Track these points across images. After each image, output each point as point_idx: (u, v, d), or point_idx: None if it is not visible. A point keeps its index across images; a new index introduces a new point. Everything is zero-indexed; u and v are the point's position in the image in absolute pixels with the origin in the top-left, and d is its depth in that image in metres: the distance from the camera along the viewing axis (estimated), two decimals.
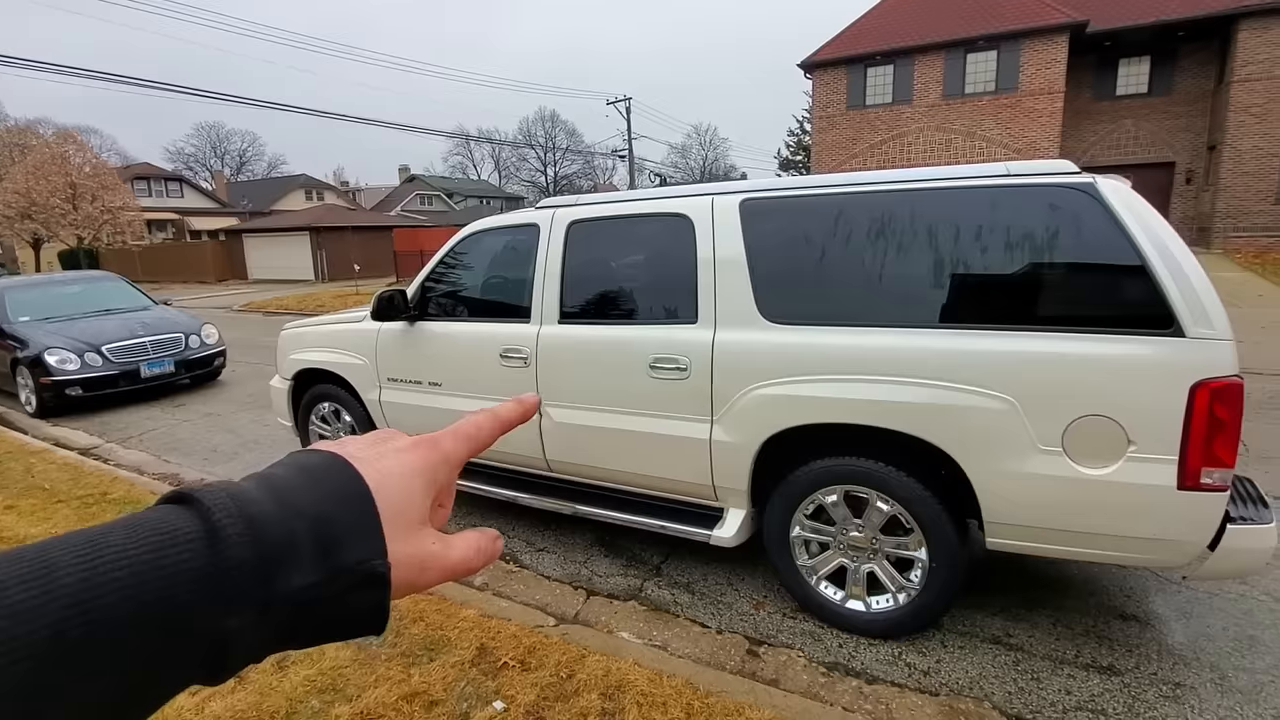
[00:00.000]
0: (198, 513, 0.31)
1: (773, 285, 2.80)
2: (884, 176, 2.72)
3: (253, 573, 0.31)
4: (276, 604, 0.31)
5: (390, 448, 0.39)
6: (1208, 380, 2.11)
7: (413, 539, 0.37)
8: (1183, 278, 2.16)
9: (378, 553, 0.34)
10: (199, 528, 0.30)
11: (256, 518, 0.32)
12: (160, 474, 5.23)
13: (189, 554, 0.29)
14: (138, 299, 8.67)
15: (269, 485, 0.34)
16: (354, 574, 0.33)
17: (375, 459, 0.38)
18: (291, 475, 0.35)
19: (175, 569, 0.29)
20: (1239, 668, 2.53)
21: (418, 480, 0.38)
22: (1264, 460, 4.54)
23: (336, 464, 0.36)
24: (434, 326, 3.77)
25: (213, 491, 0.32)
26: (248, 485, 0.34)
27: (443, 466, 0.41)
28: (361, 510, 0.35)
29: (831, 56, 20.27)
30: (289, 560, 0.32)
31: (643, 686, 2.37)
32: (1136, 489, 2.20)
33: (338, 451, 0.38)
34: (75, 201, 26.00)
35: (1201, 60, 18.46)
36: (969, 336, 2.41)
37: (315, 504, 0.34)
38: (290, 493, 0.34)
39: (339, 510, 0.34)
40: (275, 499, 0.33)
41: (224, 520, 0.31)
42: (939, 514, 2.53)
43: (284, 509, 0.33)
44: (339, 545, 0.33)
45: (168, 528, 0.30)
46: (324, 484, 0.35)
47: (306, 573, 0.32)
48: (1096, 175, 2.39)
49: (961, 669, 2.58)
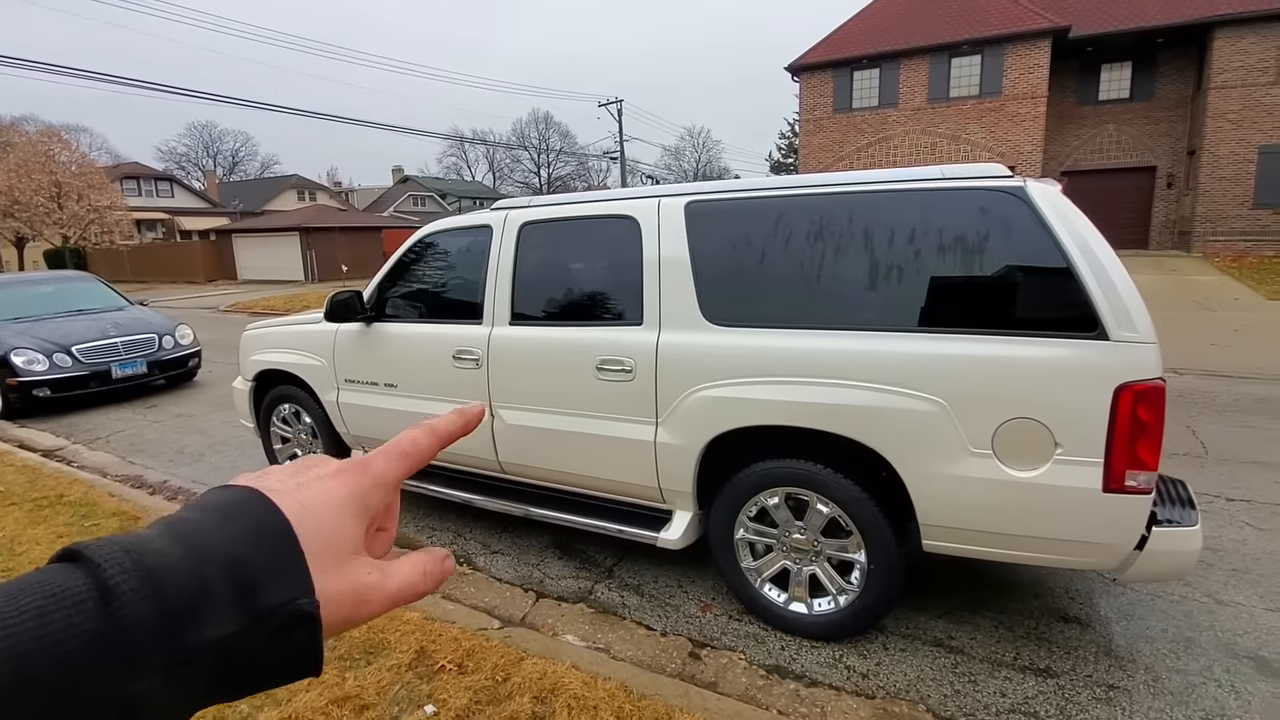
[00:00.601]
0: (88, 570, 0.28)
1: (715, 287, 2.80)
2: (823, 179, 2.73)
3: (156, 629, 0.28)
4: (193, 657, 0.29)
5: (313, 475, 0.37)
6: (1131, 383, 2.13)
7: (345, 572, 0.35)
8: (1107, 281, 2.17)
9: (303, 591, 0.32)
10: (89, 587, 0.28)
11: (155, 570, 0.29)
12: (124, 476, 5.18)
13: (80, 616, 0.27)
14: (112, 299, 8.59)
15: (175, 531, 0.32)
16: (278, 616, 0.31)
17: (295, 490, 0.35)
18: (202, 517, 0.33)
19: (63, 634, 0.26)
20: (1173, 669, 2.55)
21: (346, 509, 0.36)
22: (1221, 462, 4.58)
23: (252, 499, 0.34)
24: (390, 328, 3.76)
25: (105, 545, 0.29)
26: (151, 533, 0.32)
27: (375, 490, 0.38)
28: (281, 547, 0.33)
29: (818, 60, 20.35)
30: (201, 610, 0.30)
31: (576, 690, 2.36)
32: (1063, 491, 2.22)
33: (255, 485, 0.35)
34: (60, 200, 25.80)
35: (1180, 66, 18.65)
36: (901, 339, 2.42)
37: (228, 546, 0.32)
38: (199, 536, 0.32)
39: (255, 550, 0.32)
40: (181, 545, 0.31)
41: (117, 577, 0.28)
42: (876, 516, 2.53)
43: (192, 555, 0.30)
44: (258, 588, 0.31)
45: (54, 590, 0.28)
46: (238, 523, 0.33)
47: (224, 622, 0.30)
48: (1028, 179, 2.41)
49: (900, 671, 2.59)
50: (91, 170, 27.36)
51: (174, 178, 43.75)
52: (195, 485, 4.88)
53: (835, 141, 20.64)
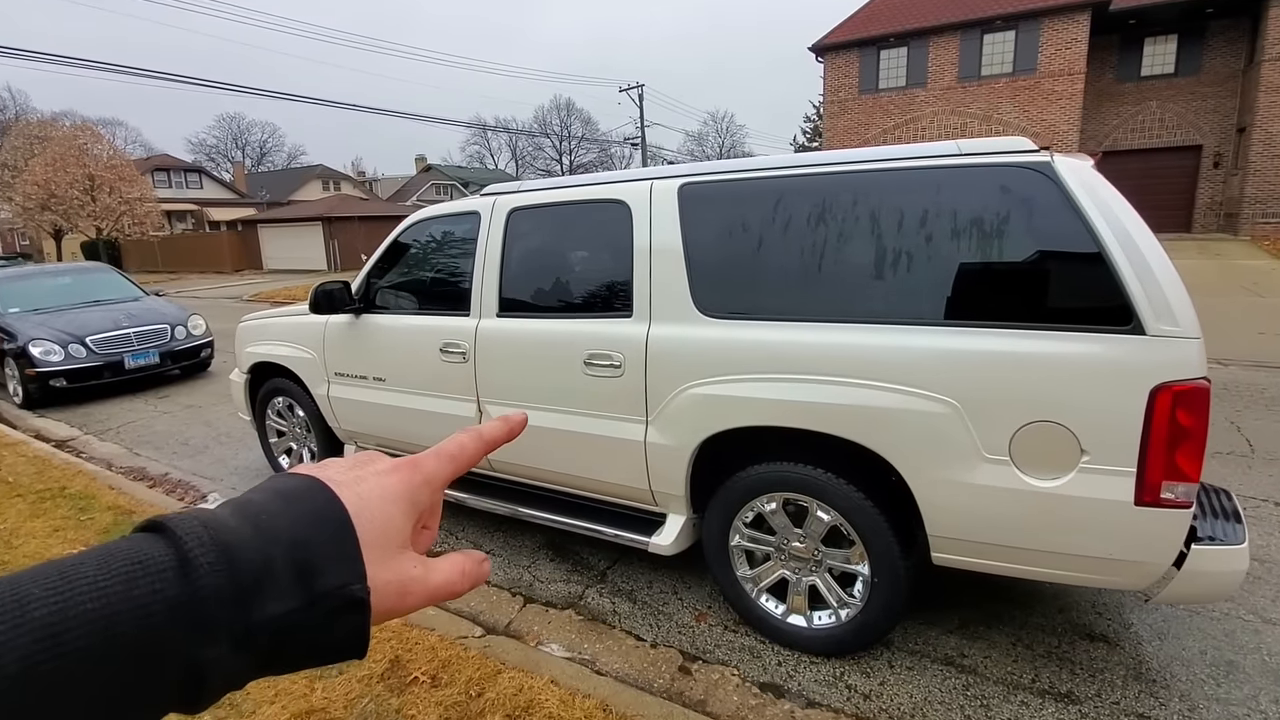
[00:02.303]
0: (170, 541, 0.30)
1: (709, 276, 2.59)
2: (827, 158, 2.49)
3: (229, 600, 0.30)
4: (255, 631, 0.31)
5: (370, 471, 0.39)
6: (1170, 383, 1.88)
7: (393, 564, 0.36)
8: (1144, 268, 1.92)
9: (357, 577, 0.34)
10: (172, 557, 0.30)
11: (231, 545, 0.31)
12: (128, 468, 5.18)
13: (162, 583, 0.29)
14: (128, 289, 8.66)
15: (244, 512, 0.34)
16: (333, 599, 0.33)
17: (354, 483, 0.37)
18: (268, 500, 0.35)
19: (148, 599, 0.28)
20: (1212, 698, 2.30)
21: (398, 505, 0.38)
22: (1270, 462, 4.25)
23: (314, 488, 0.36)
24: (378, 319, 3.62)
25: (186, 519, 0.32)
26: (223, 512, 0.34)
27: (424, 489, 0.40)
28: (340, 535, 0.34)
29: (843, 39, 19.70)
30: (266, 587, 0.31)
31: (552, 708, 2.21)
32: (1090, 504, 1.98)
33: (317, 475, 0.37)
34: (94, 193, 26.39)
35: (1231, 39, 17.63)
36: (909, 333, 2.19)
37: (292, 529, 0.33)
38: (267, 518, 0.33)
39: (317, 535, 0.34)
40: (251, 525, 0.33)
41: (196, 549, 0.30)
42: (880, 526, 2.32)
43: (260, 535, 0.32)
44: (317, 570, 0.33)
45: (140, 557, 0.29)
46: (301, 508, 0.34)
47: (285, 599, 0.32)
48: (1055, 154, 2.15)
49: (906, 693, 2.38)
50: (123, 163, 27.90)
51: (203, 169, 44.50)
52: (196, 478, 4.85)
53: (860, 124, 20.03)
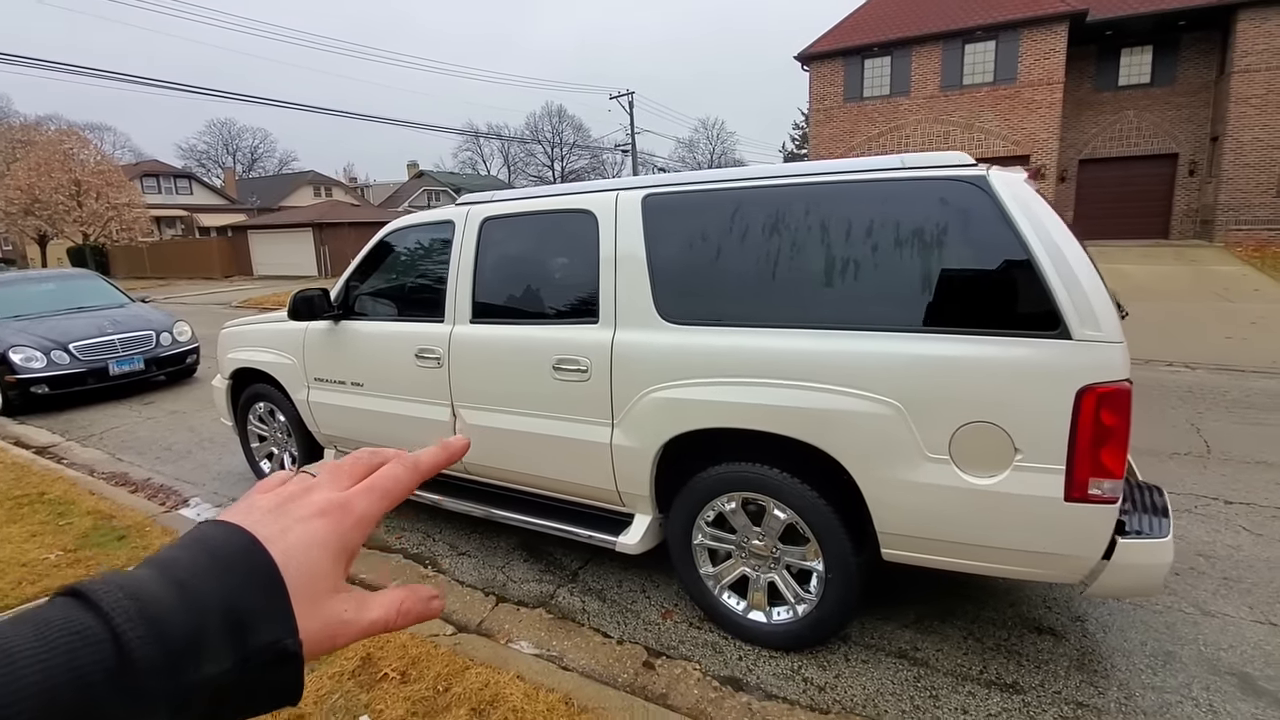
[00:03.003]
0: (96, 614, 0.31)
1: (670, 284, 2.70)
2: (782, 170, 2.61)
3: (162, 670, 0.30)
4: (191, 694, 0.31)
5: (296, 517, 0.39)
6: (1094, 385, 1.99)
7: (322, 609, 0.37)
8: (1071, 277, 2.04)
9: (288, 632, 0.35)
10: (104, 628, 0.30)
11: (158, 618, 0.31)
12: (110, 473, 5.21)
13: (100, 654, 0.29)
14: (113, 296, 8.67)
15: (170, 574, 0.34)
16: (265, 654, 0.34)
17: (281, 535, 0.37)
18: (195, 558, 0.35)
19: (88, 669, 0.29)
20: (1149, 686, 2.42)
21: (326, 551, 0.38)
22: (1224, 462, 4.39)
23: (242, 543, 0.36)
24: (356, 326, 3.70)
25: (109, 589, 0.32)
26: (147, 576, 0.33)
27: (355, 531, 0.40)
28: (269, 590, 0.35)
29: (828, 48, 19.97)
30: (199, 651, 0.32)
31: (516, 702, 2.29)
32: (1023, 500, 2.09)
33: (242, 524, 0.37)
34: (80, 198, 26.23)
35: (1203, 50, 18.01)
36: (855, 338, 2.30)
37: (221, 590, 0.34)
38: (194, 581, 0.34)
39: (246, 594, 0.34)
40: (177, 590, 0.33)
41: (124, 624, 0.30)
42: (833, 523, 2.43)
43: (187, 602, 0.33)
44: (248, 628, 0.34)
45: (76, 628, 0.30)
46: (232, 567, 0.35)
47: (219, 660, 0.32)
48: (992, 166, 2.28)
49: (859, 685, 2.48)
50: (110, 168, 27.75)
51: (193, 175, 44.30)
52: (178, 483, 4.89)
53: (846, 131, 20.28)
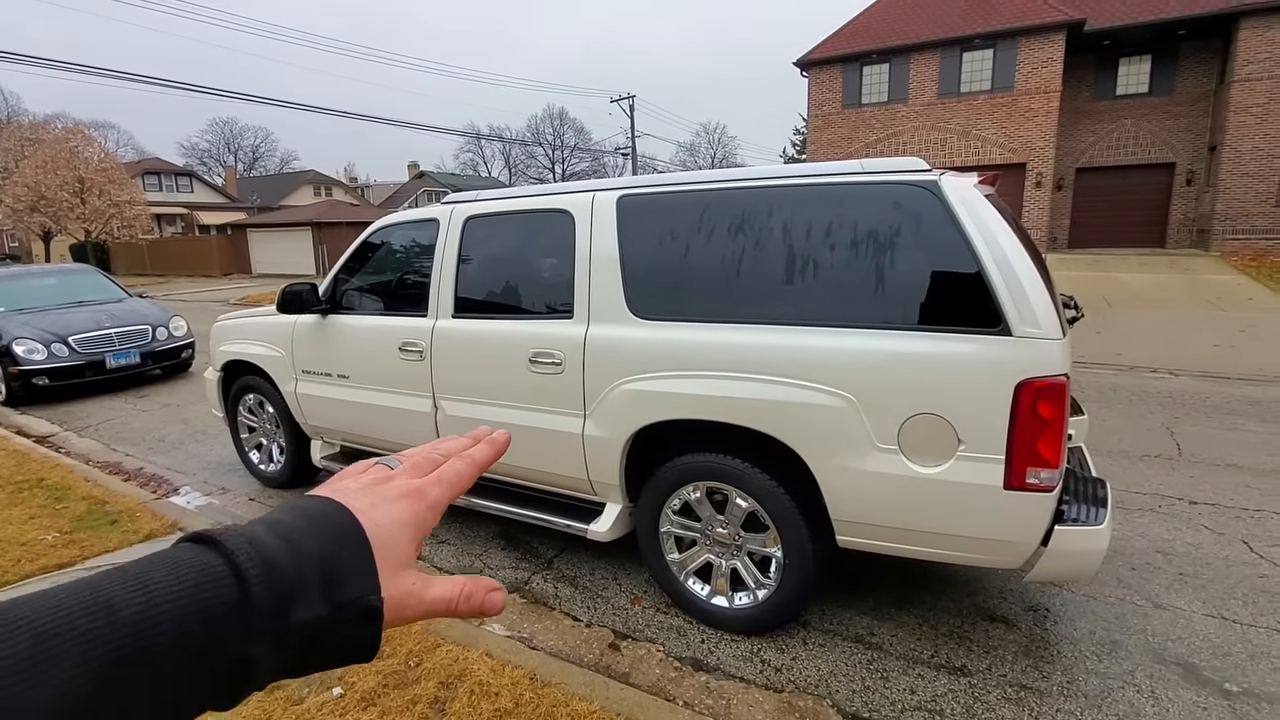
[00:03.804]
0: (222, 554, 0.35)
1: (640, 281, 2.80)
2: (749, 173, 2.72)
3: (269, 609, 0.35)
4: (291, 635, 0.36)
5: (381, 497, 0.44)
6: (1032, 379, 2.09)
7: (398, 580, 0.42)
8: (1012, 277, 2.14)
9: (373, 589, 0.39)
10: (226, 567, 0.35)
11: (271, 560, 0.36)
12: (105, 463, 5.32)
13: (223, 589, 0.34)
14: (112, 291, 8.80)
15: (277, 530, 0.39)
16: (353, 608, 0.38)
17: (370, 508, 0.43)
18: (296, 520, 0.40)
19: (212, 602, 0.33)
20: (1092, 672, 2.51)
21: (405, 530, 0.43)
22: (1193, 465, 4.49)
23: (336, 510, 0.42)
24: (343, 319, 3.81)
25: (233, 536, 0.37)
26: (258, 530, 0.38)
27: (428, 514, 0.45)
28: (359, 552, 0.40)
29: (827, 55, 20.10)
30: (299, 597, 0.36)
31: (482, 676, 2.39)
32: (966, 488, 2.19)
33: (336, 498, 0.43)
34: (83, 195, 26.46)
35: (1203, 59, 18.11)
36: (812, 334, 2.41)
37: (322, 548, 0.39)
38: (297, 535, 0.39)
39: (339, 551, 0.39)
40: (284, 542, 0.38)
41: (246, 562, 0.35)
42: (791, 510, 2.53)
43: (291, 551, 0.37)
44: (340, 582, 0.38)
45: (202, 565, 0.35)
46: (328, 531, 0.40)
47: (314, 607, 0.37)
48: (945, 172, 2.38)
49: (814, 666, 2.58)
50: (113, 166, 27.98)
51: (194, 173, 44.55)
52: (170, 472, 5.00)
53: (844, 138, 20.40)
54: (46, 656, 0.28)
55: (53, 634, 0.29)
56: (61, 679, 0.28)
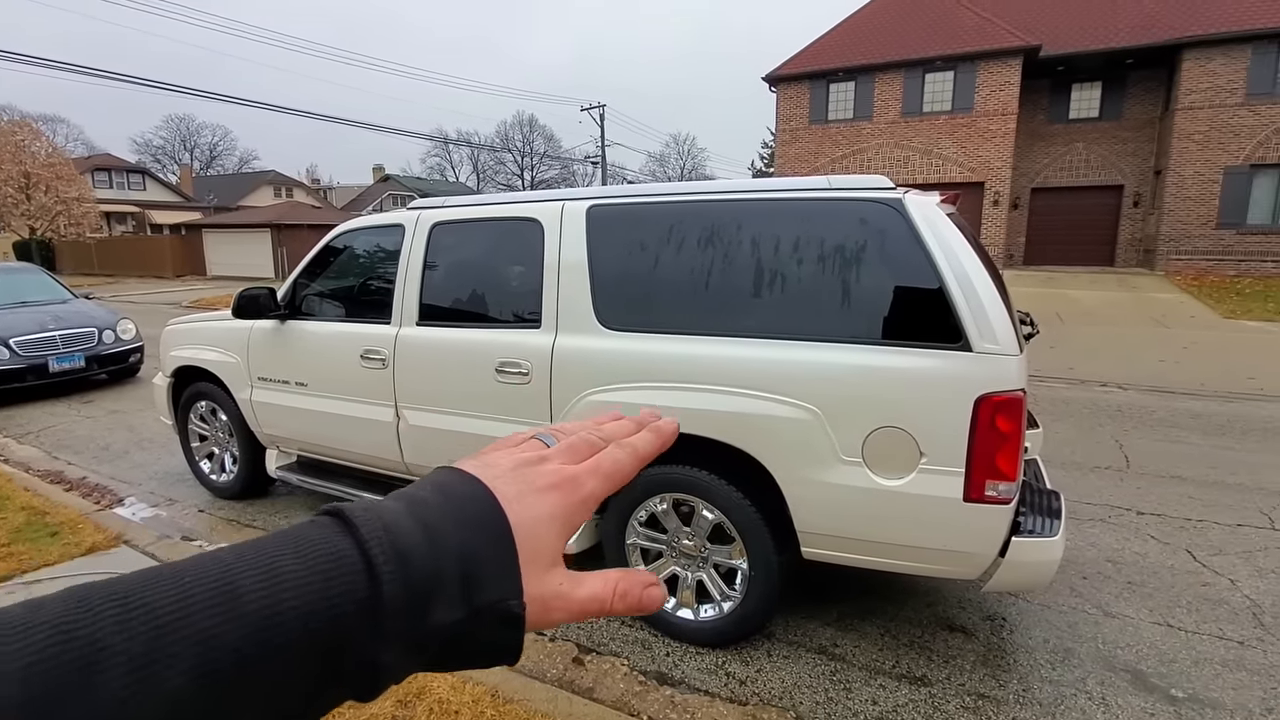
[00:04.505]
0: (356, 541, 0.32)
1: (609, 291, 2.80)
2: (719, 186, 2.74)
3: (403, 609, 0.32)
4: (425, 639, 0.33)
5: (533, 485, 0.39)
6: (991, 394, 2.15)
7: (543, 579, 0.38)
8: (973, 294, 2.19)
9: (515, 593, 0.36)
10: (359, 558, 0.32)
11: (407, 554, 0.33)
12: (46, 471, 5.07)
13: (353, 584, 0.31)
14: (56, 291, 8.43)
15: (417, 515, 0.35)
16: (493, 612, 0.35)
17: (517, 498, 0.38)
18: (440, 502, 0.36)
19: (341, 599, 0.30)
20: (1046, 680, 2.57)
21: (554, 524, 0.39)
22: (1140, 476, 4.65)
23: (482, 497, 0.37)
24: (302, 325, 3.71)
25: (369, 518, 0.33)
26: (398, 510, 0.35)
27: (580, 509, 0.40)
28: (502, 549, 0.36)
29: (795, 71, 20.51)
30: (436, 597, 0.33)
31: (441, 694, 2.33)
32: (927, 500, 2.23)
33: (483, 478, 0.38)
34: (29, 191, 25.37)
35: (1149, 87, 19.02)
36: (779, 347, 2.43)
37: (460, 540, 0.35)
38: (437, 522, 0.35)
39: (482, 548, 0.35)
40: (423, 531, 0.34)
41: (379, 555, 0.32)
42: (756, 522, 2.54)
43: (431, 544, 0.34)
44: (481, 584, 0.35)
45: (334, 553, 0.32)
46: (470, 520, 0.36)
47: (452, 610, 0.33)
48: (910, 190, 2.44)
49: (778, 679, 2.59)
50: (61, 161, 26.95)
51: (147, 170, 43.08)
52: (114, 482, 4.79)
53: (811, 152, 20.80)
54: (163, 655, 0.26)
55: (171, 629, 0.27)
56: (174, 683, 0.26)
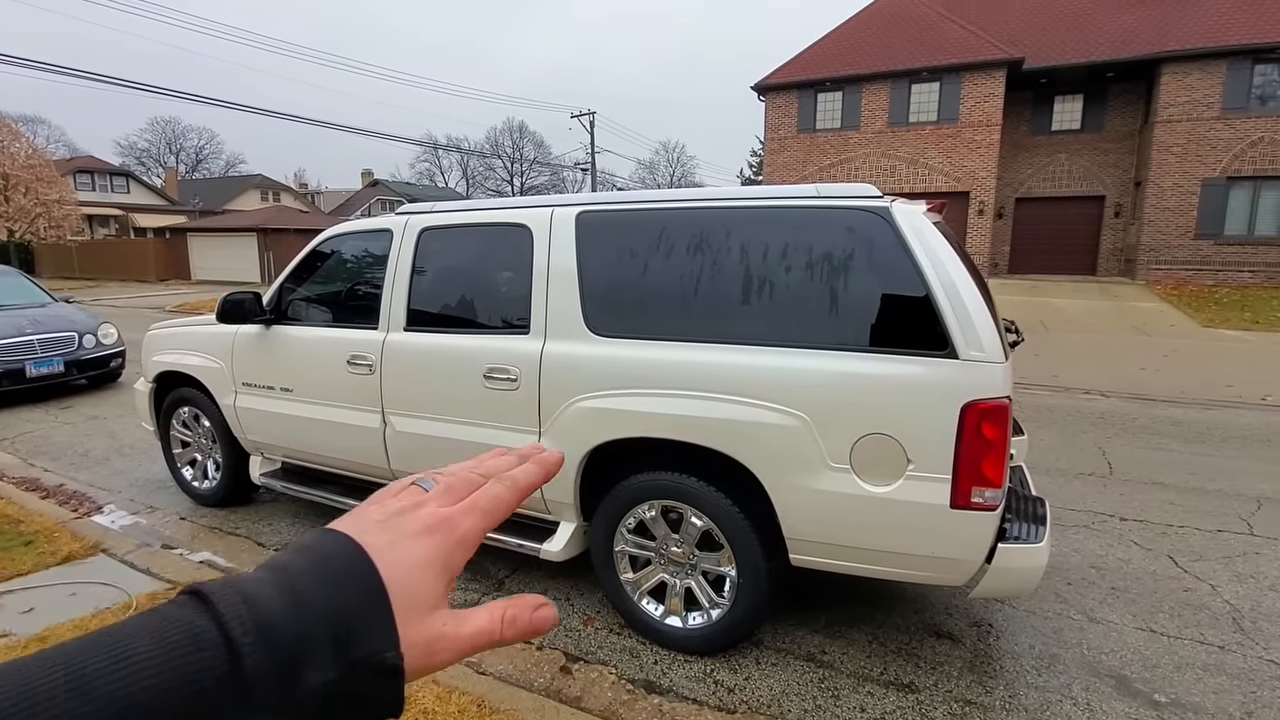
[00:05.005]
0: (213, 617, 0.32)
1: (598, 297, 2.79)
2: (708, 194, 2.75)
3: (268, 678, 0.31)
4: (297, 702, 0.32)
5: (404, 533, 0.39)
6: (977, 401, 2.16)
7: (424, 625, 0.38)
8: (959, 302, 2.21)
9: (390, 645, 0.35)
10: (217, 634, 0.31)
11: (269, 623, 0.32)
12: (21, 478, 4.96)
13: (212, 660, 0.30)
14: (35, 294, 8.28)
15: (282, 582, 0.35)
16: (368, 666, 0.34)
17: (388, 547, 0.38)
18: (306, 566, 0.36)
19: (200, 675, 0.30)
20: (1032, 686, 2.58)
21: (431, 569, 0.39)
22: (1123, 482, 4.71)
23: (352, 554, 0.37)
24: (288, 331, 3.67)
25: (227, 593, 0.33)
26: (261, 580, 0.34)
27: (458, 550, 0.40)
28: (375, 603, 0.36)
29: (784, 80, 20.68)
30: (305, 660, 0.33)
31: (427, 704, 2.30)
32: (914, 507, 2.24)
33: (353, 534, 0.38)
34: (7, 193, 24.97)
35: (1129, 100, 19.37)
36: (768, 354, 2.44)
37: (328, 600, 0.35)
38: (305, 586, 0.35)
39: (353, 604, 0.35)
40: (288, 598, 0.34)
41: (237, 629, 0.31)
42: (745, 529, 2.53)
43: (298, 609, 0.34)
44: (354, 640, 0.34)
45: (191, 632, 0.31)
46: (337, 578, 0.36)
47: (323, 670, 0.33)
48: (897, 199, 2.46)
49: (766, 686, 2.58)
50: (41, 163, 26.54)
51: (130, 173, 42.53)
52: (93, 489, 4.70)
53: (799, 161, 20.96)
54: None
55: None
56: None
